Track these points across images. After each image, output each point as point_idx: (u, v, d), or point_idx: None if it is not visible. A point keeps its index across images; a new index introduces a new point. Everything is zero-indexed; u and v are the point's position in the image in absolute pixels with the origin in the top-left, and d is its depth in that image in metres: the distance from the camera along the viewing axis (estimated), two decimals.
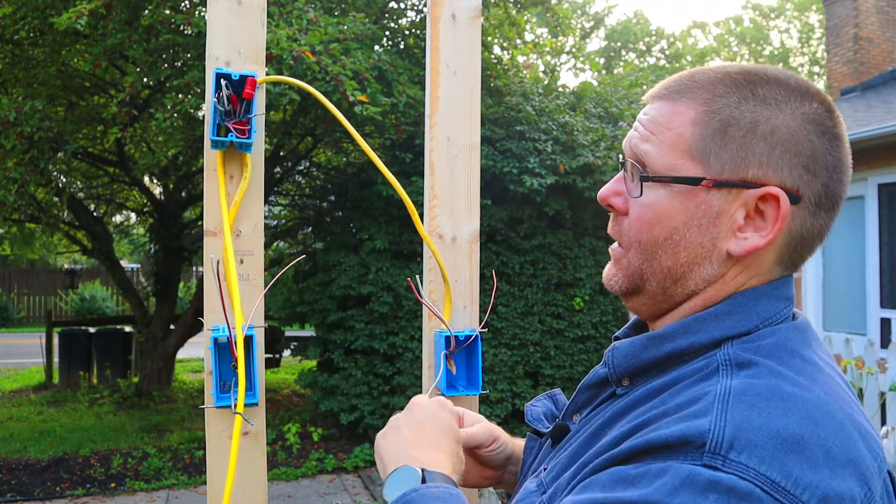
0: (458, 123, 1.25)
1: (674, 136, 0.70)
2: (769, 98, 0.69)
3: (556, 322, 6.66)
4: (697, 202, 0.69)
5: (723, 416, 0.58)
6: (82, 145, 6.92)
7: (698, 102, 0.70)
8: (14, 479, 5.39)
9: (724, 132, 0.68)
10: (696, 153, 0.69)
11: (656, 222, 0.71)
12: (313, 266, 6.81)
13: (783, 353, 0.65)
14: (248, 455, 1.11)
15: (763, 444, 0.56)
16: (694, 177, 0.69)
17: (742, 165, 0.68)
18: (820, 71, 26.44)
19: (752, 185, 0.67)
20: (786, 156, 0.67)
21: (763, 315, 0.68)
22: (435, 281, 1.23)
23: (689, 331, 0.69)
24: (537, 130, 6.40)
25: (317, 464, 5.78)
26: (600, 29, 28.21)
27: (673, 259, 0.71)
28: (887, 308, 7.27)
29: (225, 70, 1.06)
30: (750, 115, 0.68)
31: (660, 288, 0.73)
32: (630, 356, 0.72)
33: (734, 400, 0.59)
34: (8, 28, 5.32)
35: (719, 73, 0.71)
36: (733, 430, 0.57)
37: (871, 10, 9.54)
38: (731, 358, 0.65)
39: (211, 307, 1.08)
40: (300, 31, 4.81)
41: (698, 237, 0.69)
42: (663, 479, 0.56)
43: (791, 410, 0.58)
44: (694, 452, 0.57)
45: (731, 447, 0.56)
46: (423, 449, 0.77)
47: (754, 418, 0.57)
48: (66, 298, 16.35)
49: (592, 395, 0.78)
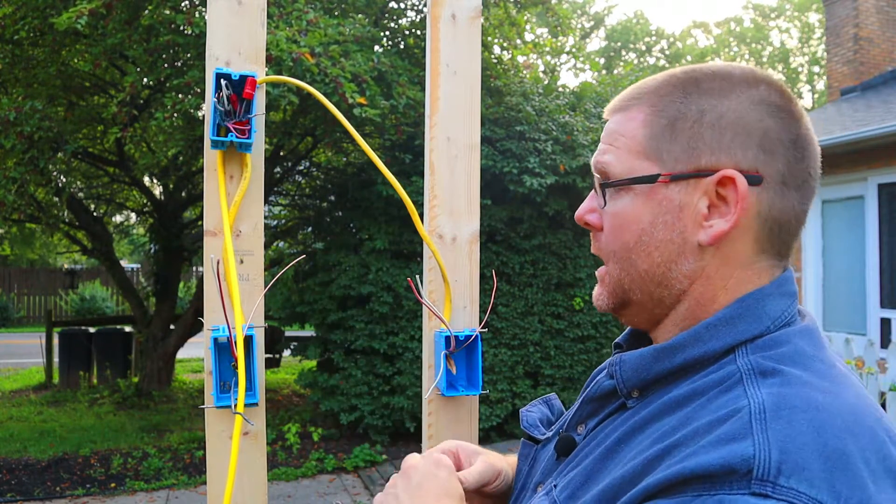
0: (458, 123, 1.25)
1: (628, 142, 0.72)
2: (714, 89, 0.70)
3: (556, 322, 6.67)
4: (659, 199, 0.70)
5: (765, 438, 0.55)
6: (82, 145, 6.92)
7: (646, 105, 0.72)
8: (14, 479, 5.39)
9: (672, 127, 0.70)
10: (650, 152, 0.70)
11: (625, 228, 0.72)
12: (313, 266, 6.81)
13: (805, 359, 0.63)
14: (248, 455, 1.11)
15: (811, 466, 0.54)
16: (650, 175, 0.70)
17: (694, 155, 0.68)
18: (820, 71, 26.44)
19: (707, 173, 0.68)
20: (737, 138, 0.68)
21: (773, 316, 0.67)
22: (435, 281, 1.23)
23: (700, 339, 0.67)
24: (537, 130, 6.41)
25: (317, 464, 5.78)
26: (600, 29, 28.22)
27: (647, 261, 0.71)
28: (887, 308, 7.27)
29: (225, 70, 1.07)
30: (695, 108, 0.69)
31: (645, 295, 0.72)
32: (640, 369, 0.70)
33: (771, 417, 0.57)
34: (8, 28, 5.32)
35: (665, 76, 0.73)
36: (779, 454, 0.54)
37: (871, 10, 9.54)
38: (754, 367, 0.63)
39: (211, 307, 1.08)
40: (300, 32, 4.81)
41: (666, 234, 0.70)
42: None
43: (829, 423, 0.57)
44: (740, 481, 0.54)
45: (780, 472, 0.54)
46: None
47: (796, 437, 0.55)
48: (66, 298, 16.35)
49: (597, 406, 0.76)
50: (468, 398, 1.23)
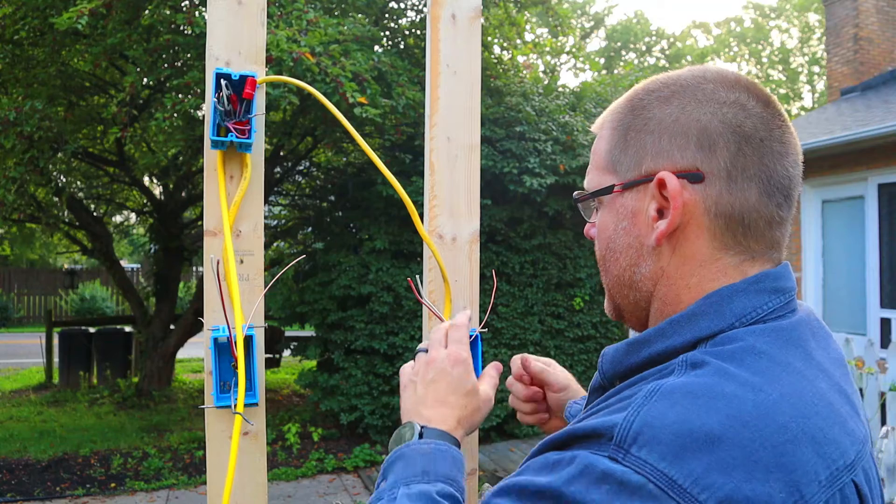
0: (458, 123, 1.25)
1: (596, 160, 0.79)
2: (660, 98, 0.72)
3: (556, 322, 6.66)
4: (617, 208, 0.74)
5: (636, 412, 0.59)
6: (82, 145, 6.91)
7: (609, 123, 0.78)
8: (14, 479, 5.39)
9: (624, 140, 0.74)
10: (609, 166, 0.75)
11: (600, 238, 0.78)
12: (313, 266, 6.81)
13: (746, 354, 0.63)
14: (248, 455, 1.11)
15: (667, 441, 0.56)
16: (607, 186, 0.75)
17: (640, 162, 0.72)
18: (820, 71, 26.44)
19: (650, 178, 0.70)
20: (674, 140, 0.69)
21: (738, 313, 0.66)
22: (435, 281, 1.23)
23: (663, 334, 0.68)
24: (537, 130, 6.41)
25: (317, 464, 5.78)
26: (600, 29, 28.22)
27: (616, 266, 0.75)
28: (887, 308, 7.27)
29: (225, 70, 1.06)
30: (642, 117, 0.73)
31: (624, 298, 0.76)
32: (615, 361, 0.74)
33: (659, 397, 0.59)
34: (8, 28, 5.32)
35: (626, 94, 0.78)
36: (640, 426, 0.57)
37: (871, 10, 9.54)
38: (688, 359, 0.64)
39: (211, 307, 1.08)
40: (300, 31, 4.81)
41: (626, 239, 0.74)
42: (569, 468, 0.59)
43: (718, 409, 0.57)
44: (605, 444, 0.58)
45: (635, 442, 0.57)
46: (429, 406, 0.85)
47: (669, 415, 0.57)
48: (66, 298, 16.35)
49: (592, 398, 0.79)
50: None
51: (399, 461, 0.78)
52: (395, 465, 0.78)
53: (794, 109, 27.86)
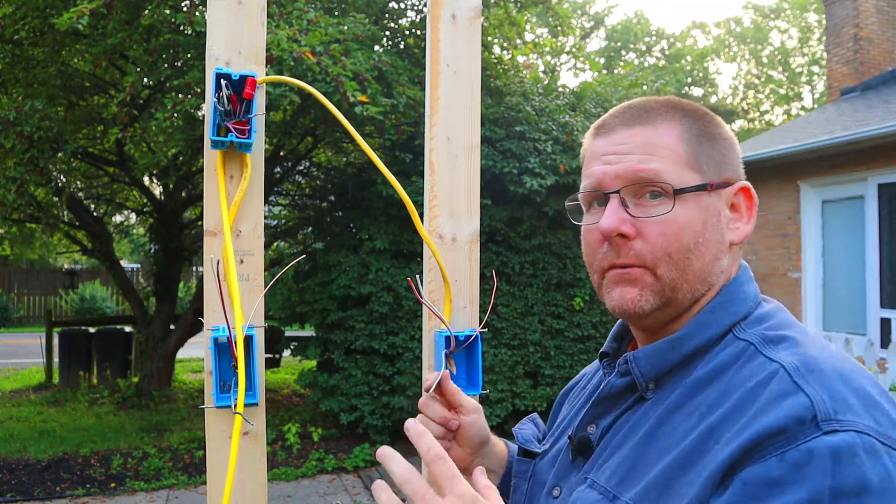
0: (458, 123, 1.25)
1: (672, 154, 0.79)
2: (706, 118, 0.83)
3: (556, 322, 6.67)
4: (706, 206, 0.79)
5: (813, 388, 0.65)
6: (82, 145, 6.92)
7: (673, 122, 0.81)
8: (14, 479, 5.39)
9: (700, 144, 0.81)
10: (693, 164, 0.80)
11: (682, 232, 0.78)
12: (313, 266, 6.81)
13: (792, 327, 0.76)
14: (248, 455, 1.11)
15: (853, 402, 0.65)
16: (702, 183, 0.79)
17: (721, 169, 0.81)
18: (820, 71, 26.43)
19: (730, 184, 0.82)
20: (735, 157, 0.83)
21: (751, 296, 0.80)
22: (435, 281, 1.23)
23: (705, 325, 0.77)
24: (537, 130, 6.40)
25: (317, 464, 5.78)
26: (600, 29, 28.22)
27: (702, 261, 0.79)
28: (887, 308, 7.27)
29: (225, 70, 1.06)
30: (707, 130, 0.82)
31: (689, 292, 0.79)
32: (657, 362, 0.78)
33: (805, 371, 0.67)
34: (8, 28, 5.32)
35: (662, 102, 0.83)
36: (829, 396, 0.65)
37: (871, 10, 9.54)
38: (762, 338, 0.74)
39: (211, 307, 1.08)
40: (300, 31, 4.81)
41: (714, 235, 0.80)
42: (813, 465, 0.61)
43: (844, 370, 0.68)
44: (809, 427, 0.63)
45: (836, 410, 0.64)
46: None
47: (833, 383, 0.66)
48: (66, 298, 16.35)
49: (609, 405, 0.83)
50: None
51: None
52: None
53: (794, 109, 27.86)
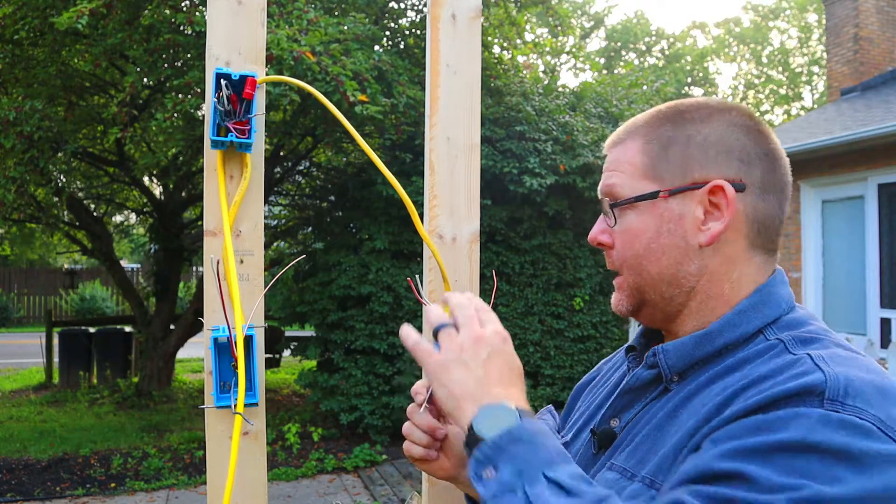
0: (458, 123, 1.25)
1: (630, 167, 0.84)
2: (696, 117, 0.83)
3: (556, 322, 6.66)
4: (660, 212, 0.81)
5: (833, 371, 0.68)
6: (82, 145, 6.92)
7: (641, 136, 0.85)
8: (14, 479, 5.39)
9: (665, 151, 0.82)
10: (649, 173, 0.83)
11: (634, 239, 0.83)
12: (313, 266, 6.81)
13: (826, 333, 0.78)
14: (248, 455, 1.11)
15: (870, 393, 0.67)
16: (651, 192, 0.82)
17: (687, 172, 0.81)
18: (820, 71, 26.43)
19: (700, 185, 0.81)
20: (720, 155, 0.81)
21: (785, 300, 0.81)
22: (435, 281, 1.23)
23: (733, 324, 0.79)
24: (537, 130, 6.40)
25: (317, 464, 5.78)
26: (600, 29, 28.21)
27: (657, 265, 0.82)
28: (887, 308, 7.27)
29: (225, 70, 1.06)
30: (683, 133, 0.82)
31: (658, 295, 0.83)
32: (684, 355, 0.81)
33: (831, 361, 0.70)
34: (8, 28, 5.32)
35: (653, 112, 0.86)
36: (845, 382, 0.67)
37: (871, 10, 9.53)
38: (793, 338, 0.76)
39: (211, 307, 1.08)
40: (300, 31, 4.81)
41: (670, 240, 0.81)
42: (799, 420, 0.65)
43: (873, 369, 0.71)
44: (815, 399, 0.66)
45: (847, 394, 0.66)
46: (498, 385, 0.75)
47: (856, 374, 0.68)
48: (66, 298, 16.35)
49: (633, 397, 0.85)
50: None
51: (517, 445, 0.68)
52: (513, 450, 0.68)
53: (794, 109, 27.86)
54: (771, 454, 0.64)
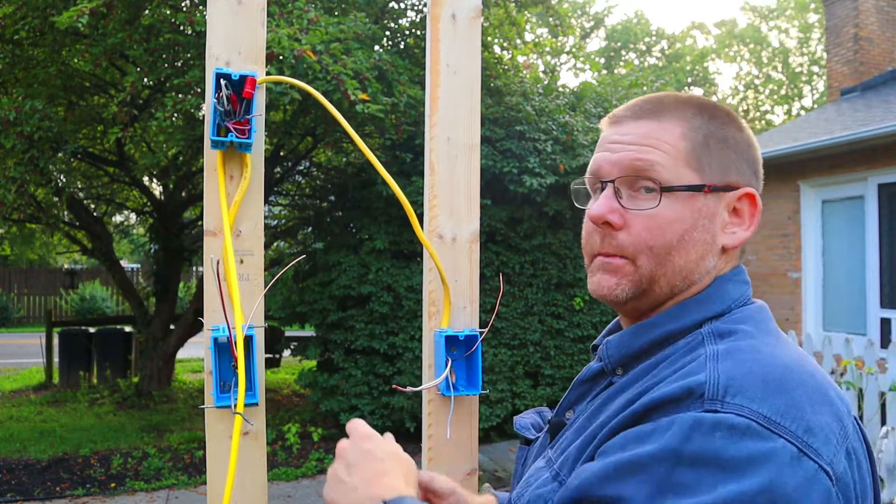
0: (458, 123, 1.25)
1: (672, 150, 0.80)
2: (722, 118, 0.84)
3: (556, 322, 6.66)
4: (699, 206, 0.80)
5: (715, 369, 0.68)
6: (82, 145, 6.92)
7: (680, 120, 0.82)
8: (14, 479, 5.39)
9: (706, 145, 0.81)
10: (693, 163, 0.80)
11: (667, 227, 0.79)
12: (313, 266, 6.81)
13: (756, 324, 0.77)
14: (248, 455, 1.11)
15: (752, 388, 0.66)
16: (698, 184, 0.80)
17: (725, 172, 0.81)
18: (820, 71, 26.43)
19: (733, 188, 0.82)
20: (745, 163, 0.83)
21: (733, 297, 0.81)
22: (435, 281, 1.23)
23: (674, 317, 0.80)
24: (537, 130, 6.40)
25: (317, 464, 5.78)
26: (600, 29, 28.21)
27: (685, 258, 0.80)
28: (887, 308, 7.27)
29: (225, 70, 1.07)
30: (720, 132, 0.82)
31: (668, 286, 0.81)
32: (622, 345, 0.82)
33: (722, 357, 0.70)
34: (8, 28, 5.32)
35: (684, 97, 0.85)
36: (726, 379, 0.67)
37: (871, 10, 9.53)
38: (713, 331, 0.76)
39: (211, 307, 1.08)
40: (301, 30, 4.81)
41: (703, 235, 0.80)
42: (673, 430, 0.65)
43: (771, 362, 0.70)
44: (695, 402, 0.66)
45: (727, 392, 0.66)
46: (372, 485, 0.77)
47: (741, 369, 0.68)
48: (66, 298, 16.35)
49: (586, 389, 0.86)
50: (468, 398, 1.23)
51: None
52: None
53: (794, 109, 27.86)
54: (646, 468, 0.64)
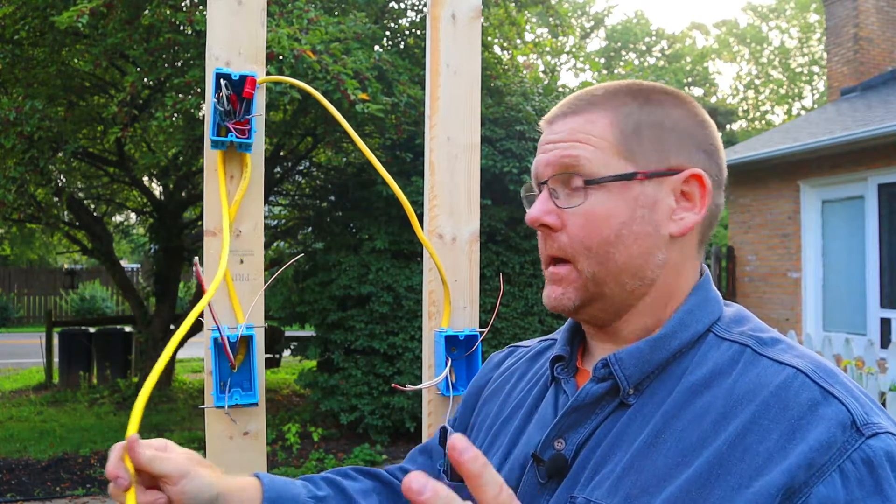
0: (458, 123, 1.25)
1: (599, 141, 0.76)
2: (663, 101, 0.78)
3: (557, 322, 6.66)
4: (635, 195, 0.75)
5: (841, 393, 0.65)
6: (82, 145, 6.91)
7: (609, 110, 0.77)
8: (14, 479, 5.39)
9: (638, 131, 0.76)
10: (622, 151, 0.75)
11: (602, 223, 0.75)
12: (313, 266, 6.81)
13: (768, 328, 0.76)
14: (248, 455, 1.12)
15: (871, 405, 0.66)
16: (628, 172, 0.75)
17: (663, 156, 0.76)
18: (820, 71, 26.43)
19: (676, 171, 0.76)
20: (691, 144, 0.77)
21: (720, 299, 0.79)
22: (435, 281, 1.23)
23: (685, 325, 0.74)
24: (537, 130, 6.40)
25: (317, 464, 5.78)
26: (600, 29, 28.21)
27: (626, 254, 0.75)
28: (887, 308, 7.27)
29: (225, 70, 1.06)
30: (653, 116, 0.77)
31: (618, 287, 0.76)
32: (641, 363, 0.73)
33: (824, 375, 0.67)
34: (8, 28, 5.32)
35: (613, 86, 0.80)
36: (856, 402, 0.65)
37: (871, 10, 9.53)
38: (754, 339, 0.72)
39: (211, 307, 1.08)
40: (301, 30, 4.81)
41: (643, 227, 0.75)
42: (876, 475, 0.61)
43: (841, 372, 0.69)
44: (853, 433, 0.63)
45: (867, 413, 0.64)
46: None
47: (848, 387, 0.67)
48: (66, 298, 16.35)
49: (582, 416, 0.75)
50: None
51: None
52: None
53: (794, 109, 27.86)
54: None
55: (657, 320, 0.77)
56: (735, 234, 9.52)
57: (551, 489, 0.74)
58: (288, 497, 0.86)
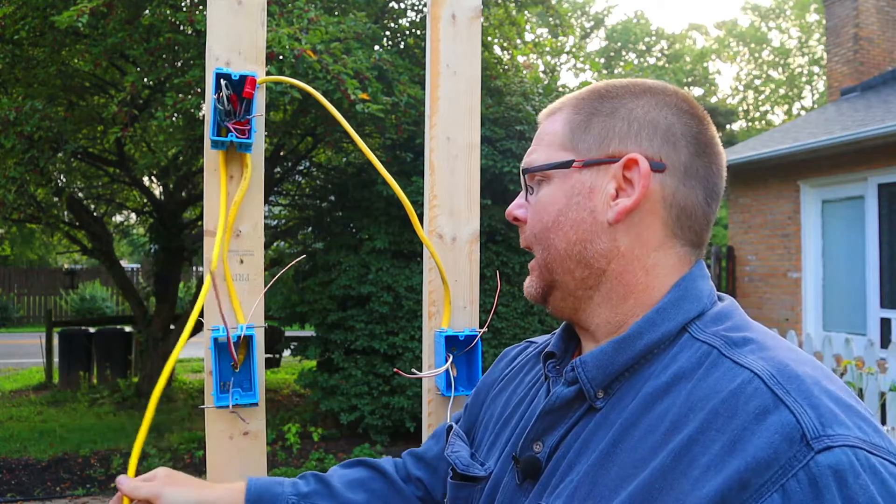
0: (458, 123, 1.25)
1: (550, 139, 0.80)
2: (627, 93, 0.78)
3: (557, 322, 6.65)
4: (572, 183, 0.76)
5: (795, 401, 0.58)
6: (82, 145, 6.91)
7: (569, 108, 0.80)
8: (14, 479, 5.39)
9: (587, 122, 0.78)
10: (567, 144, 0.78)
11: (543, 211, 0.78)
12: (313, 266, 6.81)
13: (751, 327, 0.70)
14: (248, 455, 1.12)
15: (835, 412, 0.58)
16: (564, 161, 0.77)
17: (605, 144, 0.76)
18: (820, 71, 26.43)
19: (616, 159, 0.75)
20: (643, 130, 0.75)
21: (707, 294, 0.73)
22: (435, 281, 1.23)
23: (654, 324, 0.71)
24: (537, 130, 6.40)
25: (317, 464, 5.78)
26: (600, 29, 28.21)
27: (564, 239, 0.76)
28: (887, 308, 7.27)
29: (225, 70, 1.06)
30: (609, 106, 0.77)
31: (567, 274, 0.77)
32: (605, 365, 0.71)
33: (782, 380, 0.60)
34: (8, 28, 5.32)
35: (585, 88, 0.82)
36: (813, 411, 0.58)
37: (871, 10, 9.54)
38: (723, 340, 0.67)
39: (211, 307, 1.08)
40: (301, 30, 4.81)
41: (579, 214, 0.75)
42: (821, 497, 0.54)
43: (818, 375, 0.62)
44: (801, 447, 0.56)
45: (823, 424, 0.57)
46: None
47: (811, 392, 0.59)
48: (66, 298, 16.35)
49: (556, 418, 0.74)
50: (468, 398, 1.23)
51: None
52: None
53: (794, 109, 27.86)
54: None
55: (623, 317, 0.74)
56: (735, 234, 9.53)
57: (526, 492, 0.74)
58: (269, 497, 0.94)
